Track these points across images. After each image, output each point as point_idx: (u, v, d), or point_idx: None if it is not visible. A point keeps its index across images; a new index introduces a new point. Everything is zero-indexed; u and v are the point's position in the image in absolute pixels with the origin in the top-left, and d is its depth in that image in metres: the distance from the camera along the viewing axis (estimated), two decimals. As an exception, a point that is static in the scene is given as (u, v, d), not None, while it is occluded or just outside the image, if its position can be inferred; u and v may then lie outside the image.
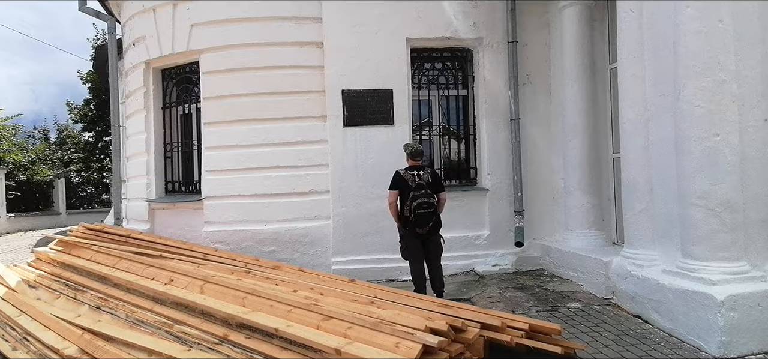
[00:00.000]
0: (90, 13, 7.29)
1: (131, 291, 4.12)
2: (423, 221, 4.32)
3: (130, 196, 7.11)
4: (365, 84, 5.75)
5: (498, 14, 5.96)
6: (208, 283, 3.97)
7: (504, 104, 5.96)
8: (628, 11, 4.49)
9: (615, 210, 5.49)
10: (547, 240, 5.95)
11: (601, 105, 5.60)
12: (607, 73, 5.61)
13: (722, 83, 3.77)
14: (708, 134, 3.78)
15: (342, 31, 5.74)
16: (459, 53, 6.21)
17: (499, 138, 5.97)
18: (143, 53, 6.47)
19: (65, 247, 5.62)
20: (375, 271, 5.55)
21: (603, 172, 5.60)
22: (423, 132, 6.21)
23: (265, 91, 5.77)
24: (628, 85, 4.53)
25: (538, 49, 6.08)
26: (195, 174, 6.44)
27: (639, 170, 4.38)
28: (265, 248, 5.69)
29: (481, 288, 5.17)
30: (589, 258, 4.96)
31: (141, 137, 6.60)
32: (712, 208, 3.75)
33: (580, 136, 5.54)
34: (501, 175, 5.96)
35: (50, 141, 22.57)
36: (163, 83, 6.67)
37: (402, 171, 4.48)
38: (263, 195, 5.79)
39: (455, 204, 5.56)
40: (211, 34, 5.89)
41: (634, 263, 4.30)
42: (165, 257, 4.94)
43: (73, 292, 4.48)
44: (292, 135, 5.78)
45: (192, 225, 6.01)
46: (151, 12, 6.29)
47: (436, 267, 4.49)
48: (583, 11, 5.54)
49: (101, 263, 4.81)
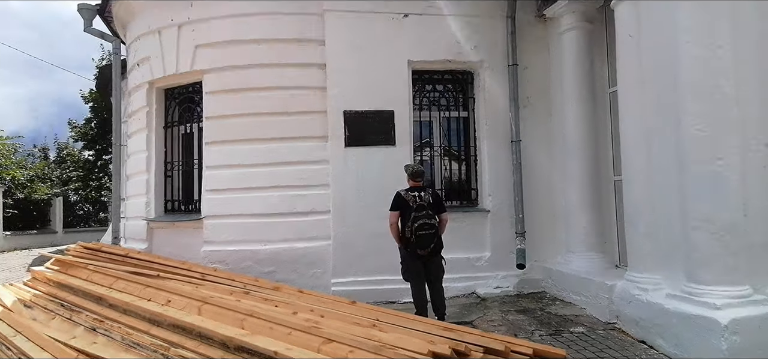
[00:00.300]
0: (95, 34, 7.37)
1: (127, 313, 4.05)
2: (424, 242, 4.29)
3: (128, 215, 7.07)
4: (367, 105, 5.79)
5: (498, 37, 6.04)
6: (206, 304, 3.91)
7: (505, 126, 5.99)
8: (627, 36, 4.54)
9: (617, 232, 5.46)
10: (549, 262, 5.90)
11: (601, 127, 5.63)
12: (607, 96, 5.65)
13: (722, 107, 3.80)
14: (710, 158, 3.79)
15: (344, 52, 5.80)
16: (460, 75, 6.26)
17: (500, 159, 5.98)
18: (147, 73, 6.52)
19: (61, 266, 5.55)
20: (375, 292, 5.48)
21: (604, 194, 5.59)
22: (424, 153, 6.22)
23: (267, 111, 5.80)
24: (628, 109, 4.56)
25: (539, 72, 6.14)
26: (195, 193, 6.42)
27: (641, 193, 4.37)
28: (265, 269, 5.63)
29: (483, 310, 5.10)
30: (593, 281, 4.91)
31: (142, 155, 6.59)
32: (716, 231, 3.74)
33: (581, 158, 5.55)
34: (502, 196, 5.95)
35: (49, 159, 22.56)
36: (165, 103, 6.71)
37: (403, 192, 4.47)
38: (263, 215, 5.75)
39: (456, 225, 5.52)
40: (214, 54, 5.95)
41: (639, 287, 4.25)
42: (163, 278, 4.88)
43: (68, 313, 4.41)
44: (294, 155, 5.78)
45: (191, 245, 5.96)
46: (156, 33, 6.36)
47: (437, 289, 4.44)
48: (583, 35, 5.61)
49: (97, 283, 4.74)
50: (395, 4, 5.87)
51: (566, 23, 5.64)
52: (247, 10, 5.86)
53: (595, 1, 5.50)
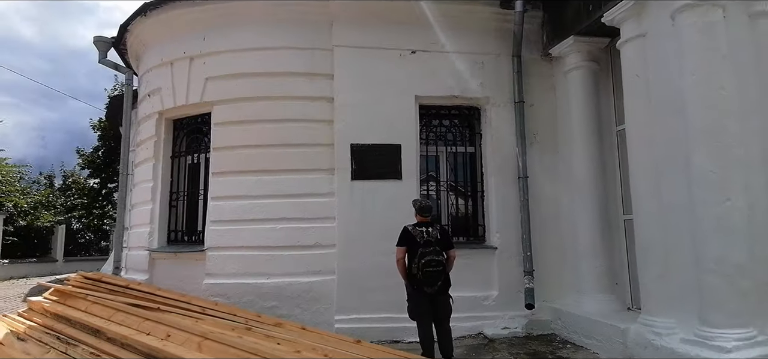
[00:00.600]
0: (109, 65, 7.51)
1: (125, 347, 3.94)
2: (431, 279, 4.18)
3: (131, 244, 6.99)
4: (374, 139, 5.79)
5: (504, 74, 6.10)
6: (206, 340, 3.80)
7: (512, 162, 5.96)
8: (634, 76, 4.58)
9: (629, 273, 5.33)
10: (559, 303, 5.75)
11: (609, 165, 5.59)
12: (614, 135, 5.64)
13: (729, 148, 3.84)
14: (720, 199, 3.79)
15: (352, 86, 5.86)
16: (467, 111, 6.30)
17: (507, 196, 5.92)
18: (157, 104, 6.59)
19: (60, 297, 5.45)
20: (380, 331, 5.33)
21: (614, 233, 5.49)
22: (430, 187, 6.18)
23: (275, 143, 5.80)
24: (636, 149, 4.55)
25: (545, 109, 6.17)
26: (199, 224, 6.36)
27: (653, 234, 4.31)
28: (267, 303, 5.50)
29: (491, 352, 4.94)
30: (605, 324, 4.76)
31: (148, 185, 6.58)
32: (727, 273, 3.74)
33: (590, 196, 5.49)
34: (510, 233, 5.86)
35: (55, 187, 22.65)
36: (174, 133, 6.74)
37: (411, 227, 4.39)
38: (267, 247, 5.66)
39: (463, 262, 5.38)
40: (225, 86, 6.01)
41: (653, 331, 4.13)
42: (163, 311, 4.77)
43: (64, 346, 4.28)
44: (300, 187, 5.74)
45: (192, 277, 5.85)
46: (168, 65, 6.47)
47: (445, 329, 4.30)
48: (588, 74, 5.66)
49: (96, 315, 4.64)
50: (403, 40, 5.96)
51: (572, 62, 5.70)
52: (258, 44, 5.96)
53: (600, 41, 5.57)
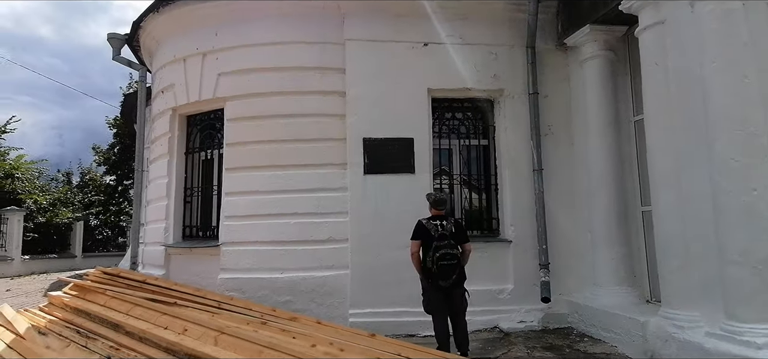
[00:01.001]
0: (123, 63, 7.59)
1: (144, 341, 3.99)
2: (446, 273, 4.14)
3: (147, 240, 7.08)
4: (386, 132, 5.76)
5: (518, 66, 6.00)
6: (222, 334, 3.83)
7: (526, 155, 5.88)
8: (652, 64, 4.46)
9: (647, 265, 5.24)
10: (575, 296, 5.68)
11: (626, 157, 5.49)
12: (631, 125, 5.53)
13: (754, 137, 3.72)
14: (745, 189, 3.68)
15: (364, 80, 5.83)
16: (480, 103, 6.22)
17: (521, 188, 5.85)
18: (171, 100, 6.64)
19: (80, 291, 5.55)
20: (394, 324, 5.32)
21: (632, 225, 5.40)
22: (443, 181, 6.13)
23: (287, 138, 5.81)
24: (656, 138, 4.44)
25: (560, 101, 6.06)
26: (213, 220, 6.41)
27: (673, 225, 4.21)
28: (281, 298, 5.53)
29: (507, 346, 4.90)
30: (623, 317, 4.68)
31: (163, 181, 6.65)
32: (755, 266, 3.61)
33: (606, 188, 5.39)
34: (524, 226, 5.79)
35: (73, 184, 23.09)
36: (187, 129, 6.80)
37: (425, 220, 4.36)
38: (281, 242, 5.69)
39: (477, 256, 5.32)
40: (237, 82, 6.03)
41: (675, 324, 4.04)
42: (180, 305, 4.82)
43: (84, 340, 4.35)
44: (313, 182, 5.75)
45: (208, 272, 5.91)
46: (181, 61, 6.51)
47: (460, 323, 4.26)
48: (605, 64, 5.54)
49: (115, 309, 4.71)
50: (415, 33, 5.90)
51: (588, 52, 5.59)
52: (270, 39, 5.95)
53: (618, 29, 5.45)
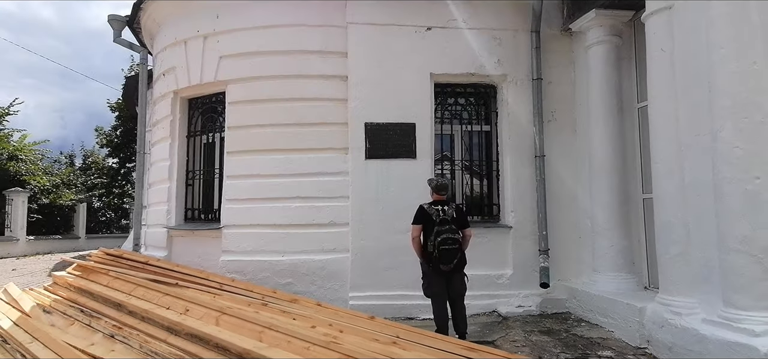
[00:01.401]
0: (124, 45, 7.55)
1: (146, 320, 4.05)
2: (447, 257, 4.17)
3: (149, 222, 7.13)
4: (388, 117, 5.74)
5: (522, 51, 5.95)
6: (224, 315, 3.88)
7: (528, 141, 5.86)
8: (658, 50, 4.41)
9: (647, 252, 5.25)
10: (574, 282, 5.71)
11: (629, 143, 5.46)
12: (635, 112, 5.49)
13: (761, 124, 3.65)
14: (748, 176, 3.64)
15: (367, 64, 5.79)
16: (483, 89, 6.18)
17: (523, 174, 5.84)
18: (172, 83, 6.62)
19: (83, 272, 5.61)
20: (393, 308, 5.37)
21: (632, 212, 5.40)
22: (445, 166, 6.13)
23: (289, 122, 5.80)
24: (659, 125, 4.41)
25: (563, 87, 6.02)
26: (215, 202, 6.44)
27: (674, 212, 4.20)
28: (282, 280, 5.58)
29: (505, 330, 4.94)
30: (621, 303, 4.71)
31: (164, 164, 6.67)
32: (755, 254, 3.58)
33: (608, 174, 5.38)
34: (525, 212, 5.80)
35: (75, 166, 23.18)
36: (189, 112, 6.79)
37: (426, 205, 4.37)
38: (282, 226, 5.72)
39: (477, 241, 5.35)
40: (238, 65, 6.00)
41: (672, 310, 4.06)
42: (181, 286, 4.87)
43: (87, 319, 4.42)
44: (314, 166, 5.76)
45: (209, 254, 5.96)
46: (182, 44, 6.48)
47: (459, 307, 4.31)
48: (610, 50, 5.48)
49: (118, 289, 4.77)
50: (418, 16, 5.85)
51: (593, 37, 5.52)
52: (271, 22, 5.91)
53: (624, 14, 5.38)
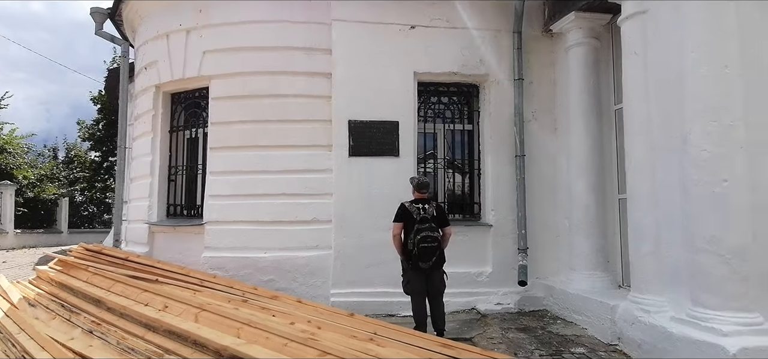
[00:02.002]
0: (106, 37, 7.46)
1: (124, 317, 4.04)
2: (426, 255, 4.24)
3: (130, 218, 7.07)
4: (372, 115, 5.78)
5: (504, 52, 6.02)
6: (203, 311, 3.89)
7: (509, 140, 5.95)
8: (632, 53, 4.51)
9: (621, 252, 5.38)
10: (551, 280, 5.83)
11: (606, 145, 5.58)
12: (612, 113, 5.60)
13: (730, 128, 3.73)
14: (716, 179, 3.72)
15: (351, 62, 5.81)
16: (465, 88, 6.25)
17: (503, 174, 5.93)
18: (154, 77, 6.56)
19: (64, 267, 5.58)
20: (375, 305, 5.43)
21: (609, 212, 5.52)
22: (428, 165, 6.19)
23: (272, 118, 5.81)
24: (633, 127, 4.51)
25: (544, 87, 6.12)
26: (198, 198, 6.42)
27: (646, 212, 4.31)
28: (264, 277, 5.60)
29: (483, 327, 5.03)
30: (595, 301, 4.83)
31: (146, 159, 6.62)
32: (722, 254, 3.65)
33: (586, 175, 5.49)
34: (505, 211, 5.89)
35: (58, 160, 22.79)
36: (171, 107, 6.74)
37: (407, 203, 4.43)
38: (265, 222, 5.73)
39: (458, 239, 5.44)
40: (222, 61, 5.98)
41: (642, 308, 4.18)
42: (161, 282, 4.87)
43: (68, 313, 4.42)
44: (297, 163, 5.77)
45: (191, 250, 5.94)
46: (164, 38, 6.42)
47: (438, 304, 4.38)
48: (589, 52, 5.58)
49: (97, 285, 4.75)
50: (402, 15, 5.88)
51: (573, 39, 5.62)
52: (255, 17, 5.90)
53: (602, 17, 5.48)
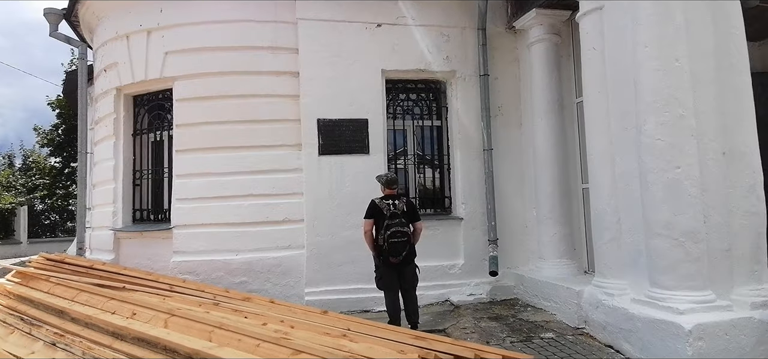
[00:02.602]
0: (61, 39, 7.16)
1: (90, 326, 3.92)
2: (396, 250, 4.30)
3: (94, 224, 6.83)
4: (341, 113, 5.79)
5: (470, 48, 6.14)
6: (173, 317, 3.81)
7: (477, 135, 6.08)
8: (591, 48, 4.69)
9: (586, 240, 5.60)
10: (521, 269, 6.00)
11: (569, 137, 5.78)
12: (574, 107, 5.81)
13: (681, 118, 3.93)
14: (669, 167, 3.90)
15: (318, 61, 5.80)
16: (433, 85, 6.34)
17: (472, 168, 6.06)
18: (115, 79, 6.35)
19: (22, 279, 5.34)
20: (349, 301, 5.46)
21: (573, 202, 5.73)
22: (398, 161, 6.25)
23: (240, 119, 5.73)
24: (593, 120, 4.70)
25: (509, 83, 6.28)
26: (165, 202, 6.27)
27: (607, 201, 4.50)
28: (236, 279, 5.54)
29: (456, 318, 5.14)
30: (562, 287, 5.01)
31: (109, 163, 6.40)
32: (676, 238, 3.83)
33: (551, 167, 5.67)
34: (475, 204, 6.02)
35: (15, 167, 21.70)
36: (134, 110, 6.54)
37: (378, 200, 4.48)
38: (235, 224, 5.66)
39: (430, 233, 5.55)
40: (185, 61, 5.85)
41: (605, 292, 4.37)
42: (128, 290, 4.73)
43: (28, 327, 4.23)
44: (267, 163, 5.72)
45: (160, 255, 5.81)
46: (124, 39, 6.22)
47: (410, 298, 4.45)
48: (550, 48, 5.77)
49: (59, 296, 4.57)
50: (368, 13, 5.91)
51: (534, 35, 5.79)
52: (219, 17, 5.79)
53: (562, 14, 5.67)
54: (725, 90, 4.09)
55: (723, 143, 4.05)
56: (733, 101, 4.09)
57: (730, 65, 4.12)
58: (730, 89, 4.09)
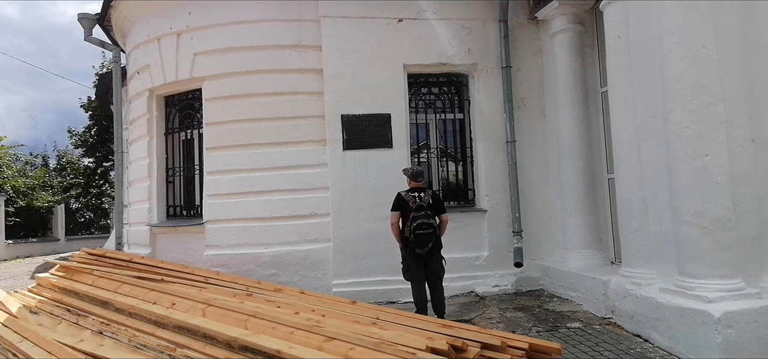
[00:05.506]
0: (95, 43, 7.47)
1: (133, 316, 4.15)
2: (422, 242, 4.38)
3: (131, 221, 7.16)
4: (364, 109, 5.89)
5: (491, 40, 6.15)
6: (210, 307, 4.01)
7: (499, 127, 6.09)
8: (616, 37, 4.65)
9: (612, 230, 5.57)
10: (546, 260, 6.01)
11: (594, 127, 5.74)
12: (599, 96, 5.76)
13: (709, 105, 3.87)
14: (697, 155, 3.86)
15: (341, 58, 5.91)
16: (455, 78, 6.37)
17: (495, 160, 6.08)
18: (147, 81, 6.62)
19: (66, 273, 5.65)
20: (376, 293, 5.58)
21: (599, 192, 5.70)
22: (421, 155, 6.32)
23: (266, 116, 5.90)
24: (618, 109, 4.66)
25: (532, 74, 6.26)
26: (196, 198, 6.51)
27: (633, 190, 4.47)
28: (266, 272, 5.73)
29: (482, 308, 5.20)
30: (588, 278, 5.00)
31: (143, 162, 6.69)
32: (706, 226, 3.79)
33: (575, 157, 5.65)
34: (498, 196, 6.05)
35: (50, 167, 22.65)
36: (166, 110, 6.80)
37: (404, 193, 4.56)
38: (264, 219, 5.85)
39: (454, 225, 5.59)
40: (213, 62, 6.05)
41: (633, 282, 4.35)
42: (167, 282, 4.97)
43: (74, 317, 4.50)
44: (293, 159, 5.88)
45: (193, 249, 6.05)
46: (155, 42, 6.47)
47: (437, 288, 4.53)
48: (574, 37, 5.72)
49: (103, 288, 4.84)
50: (389, 9, 5.98)
51: (557, 25, 5.75)
52: (244, 18, 5.96)
53: (585, 3, 5.62)
54: (754, 76, 4.00)
55: (752, 129, 3.98)
56: (762, 88, 4.01)
57: (759, 51, 4.03)
58: (758, 75, 4.01)
